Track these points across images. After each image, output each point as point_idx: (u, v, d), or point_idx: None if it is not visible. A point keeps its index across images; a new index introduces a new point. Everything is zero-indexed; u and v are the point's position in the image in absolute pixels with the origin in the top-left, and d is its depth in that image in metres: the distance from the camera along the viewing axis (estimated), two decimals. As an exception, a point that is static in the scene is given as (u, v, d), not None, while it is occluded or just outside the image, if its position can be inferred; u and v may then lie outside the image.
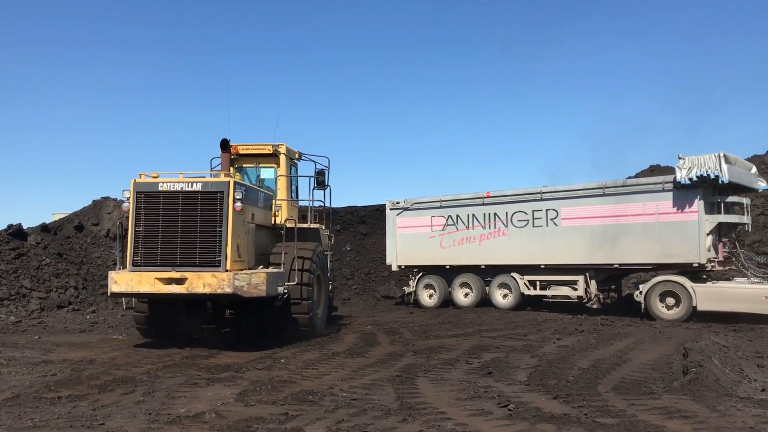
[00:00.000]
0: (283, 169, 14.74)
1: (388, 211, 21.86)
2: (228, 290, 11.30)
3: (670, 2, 75.80)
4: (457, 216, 20.19)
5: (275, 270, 12.39)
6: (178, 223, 11.63)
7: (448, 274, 20.43)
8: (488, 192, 19.71)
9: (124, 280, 11.52)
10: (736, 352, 11.07)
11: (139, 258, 11.69)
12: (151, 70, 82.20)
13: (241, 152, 14.67)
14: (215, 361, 10.81)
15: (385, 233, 22.33)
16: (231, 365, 10.28)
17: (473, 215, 19.85)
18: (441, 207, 20.61)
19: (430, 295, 20.74)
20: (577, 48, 78.77)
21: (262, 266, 12.80)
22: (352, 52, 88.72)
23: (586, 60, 78.92)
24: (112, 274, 11.71)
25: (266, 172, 14.92)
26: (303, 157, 15.58)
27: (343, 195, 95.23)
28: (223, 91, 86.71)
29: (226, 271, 11.45)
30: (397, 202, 21.63)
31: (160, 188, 11.73)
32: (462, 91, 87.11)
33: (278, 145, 14.69)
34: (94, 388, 8.61)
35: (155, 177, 11.95)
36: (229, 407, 7.48)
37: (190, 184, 11.73)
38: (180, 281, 11.38)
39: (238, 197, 11.67)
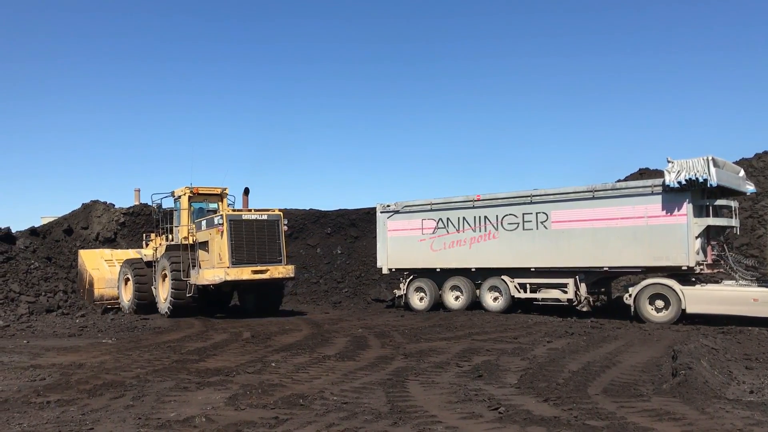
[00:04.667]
0: (225, 204, 20.67)
1: (378, 214, 21.85)
2: (292, 275, 19.41)
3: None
4: (448, 219, 20.19)
5: None
6: (254, 238, 18.79)
7: (438, 277, 20.42)
8: (479, 195, 19.71)
9: (233, 272, 18.13)
10: (724, 355, 11.15)
11: (235, 259, 18.39)
12: (141, 76, 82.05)
13: (200, 192, 20.39)
14: (205, 365, 10.78)
15: (375, 236, 22.30)
16: (221, 369, 10.26)
17: (464, 218, 19.85)
18: (432, 210, 20.59)
19: (421, 298, 20.71)
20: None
21: None
22: (345, 54, 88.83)
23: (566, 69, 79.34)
24: (216, 270, 18.24)
25: (213, 206, 20.87)
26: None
27: (334, 198, 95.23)
28: (205, 95, 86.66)
29: (287, 265, 19.29)
30: (388, 205, 21.61)
31: (243, 218, 18.80)
32: (456, 94, 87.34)
33: (224, 188, 21.00)
34: (83, 393, 8.57)
35: (235, 210, 19.51)
36: (220, 411, 7.46)
37: (260, 215, 19.15)
38: (263, 272, 18.61)
39: (285, 222, 19.60)
